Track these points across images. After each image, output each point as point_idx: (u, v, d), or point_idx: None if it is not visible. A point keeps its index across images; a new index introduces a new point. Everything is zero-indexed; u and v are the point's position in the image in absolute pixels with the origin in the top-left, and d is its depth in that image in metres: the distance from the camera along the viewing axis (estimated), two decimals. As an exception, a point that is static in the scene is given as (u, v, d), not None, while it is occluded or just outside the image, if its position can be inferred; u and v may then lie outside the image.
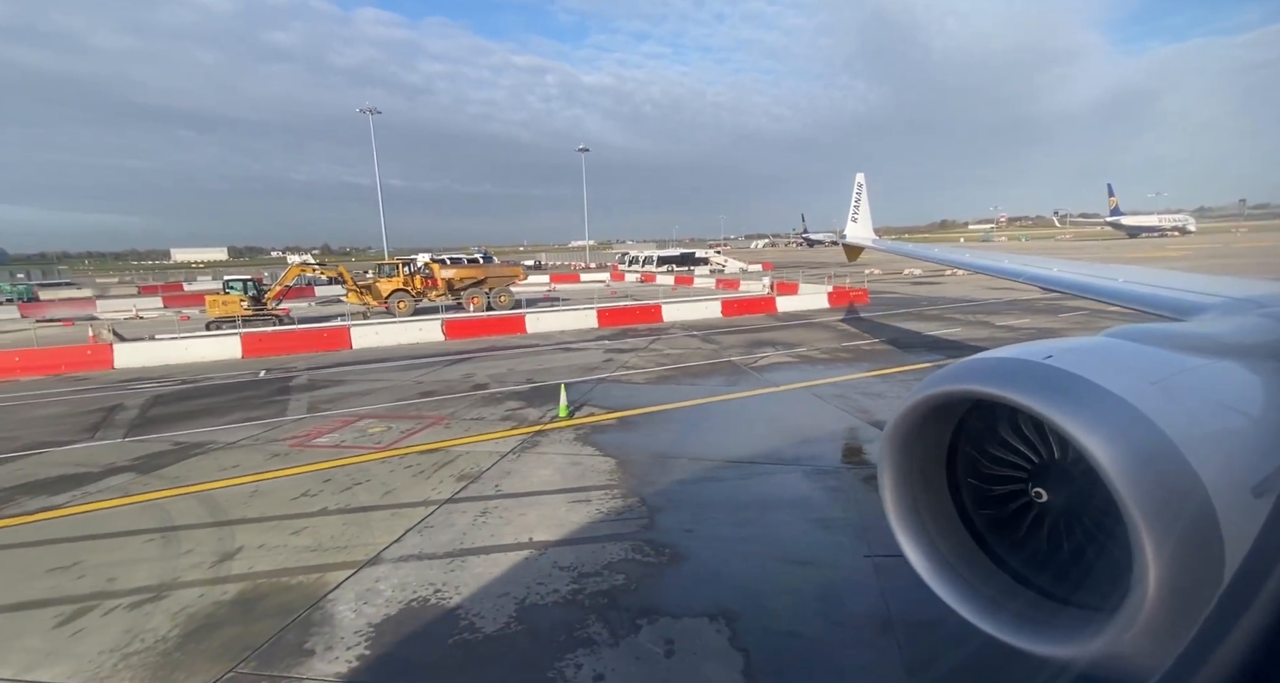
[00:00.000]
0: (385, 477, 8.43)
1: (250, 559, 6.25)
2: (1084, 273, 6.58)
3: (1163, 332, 2.83)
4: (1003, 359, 2.40)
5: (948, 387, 2.47)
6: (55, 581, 5.96)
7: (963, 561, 2.67)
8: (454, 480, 8.17)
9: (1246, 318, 3.22)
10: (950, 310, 23.12)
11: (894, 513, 2.73)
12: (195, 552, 6.46)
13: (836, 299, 26.91)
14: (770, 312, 25.91)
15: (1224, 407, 2.30)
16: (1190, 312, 3.99)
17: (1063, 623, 2.28)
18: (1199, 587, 1.81)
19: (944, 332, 18.42)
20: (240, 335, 19.17)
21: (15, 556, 6.60)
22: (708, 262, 62.18)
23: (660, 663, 4.47)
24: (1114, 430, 1.97)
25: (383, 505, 7.49)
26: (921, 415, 2.58)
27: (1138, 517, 1.85)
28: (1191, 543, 1.84)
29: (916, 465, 2.73)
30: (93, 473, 8.96)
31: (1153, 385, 2.21)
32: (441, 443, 9.81)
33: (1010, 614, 2.40)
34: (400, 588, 5.61)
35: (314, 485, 8.19)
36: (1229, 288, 4.31)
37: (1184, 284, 4.91)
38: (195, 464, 9.25)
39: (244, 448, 9.96)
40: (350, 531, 6.83)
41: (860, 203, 19.66)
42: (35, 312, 33.58)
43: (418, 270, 30.77)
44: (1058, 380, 2.17)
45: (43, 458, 9.79)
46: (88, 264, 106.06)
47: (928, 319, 21.36)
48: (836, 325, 21.03)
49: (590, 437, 9.80)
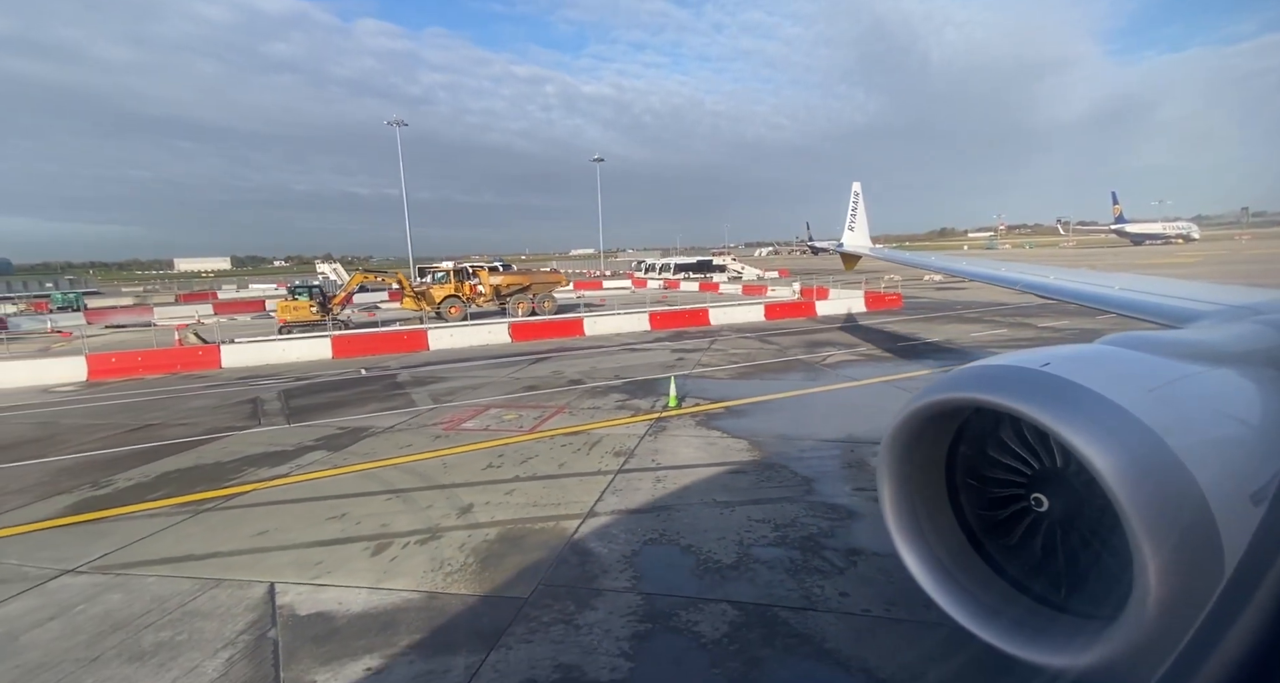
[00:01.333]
0: (549, 454, 9.76)
1: (487, 512, 7.59)
2: (1080, 280, 6.54)
3: (1159, 339, 2.86)
4: (1001, 367, 2.44)
5: (947, 394, 2.49)
6: (339, 526, 7.32)
7: (961, 567, 2.69)
8: (612, 456, 9.50)
9: (1242, 325, 3.25)
10: (987, 313, 24.47)
11: (893, 519, 2.76)
12: (435, 508, 7.81)
13: (873, 303, 28.33)
14: (810, 315, 27.30)
15: (1222, 414, 2.30)
16: (1186, 319, 4.01)
17: (1061, 631, 2.29)
18: (1199, 596, 1.81)
19: (990, 333, 19.76)
20: (330, 337, 20.59)
21: (288, 509, 7.95)
22: (724, 269, 63.81)
23: (886, 585, 5.57)
24: (1113, 439, 1.98)
25: (566, 474, 8.83)
26: (921, 422, 2.61)
27: (1137, 525, 1.85)
28: (1191, 552, 1.83)
29: (916, 472, 2.75)
30: (289, 450, 10.33)
31: (1150, 393, 2.21)
32: (578, 427, 11.15)
33: (1008, 622, 2.41)
34: (630, 532, 6.93)
35: (492, 460, 9.53)
36: (1224, 295, 4.36)
37: (1179, 292, 4.92)
38: (373, 443, 10.62)
39: (405, 431, 11.32)
40: (553, 492, 8.17)
41: (857, 211, 20.16)
42: (100, 318, 35.09)
43: (468, 277, 32.23)
44: (1057, 388, 2.19)
45: (233, 439, 11.16)
46: (93, 273, 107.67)
47: (968, 322, 22.73)
48: (882, 327, 22.40)
49: (710, 422, 11.14)
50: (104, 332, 30.48)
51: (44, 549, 6.98)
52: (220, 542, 7.00)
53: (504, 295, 32.20)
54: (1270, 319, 3.18)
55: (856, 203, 20.04)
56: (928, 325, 22.21)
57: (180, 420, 12.67)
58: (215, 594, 5.86)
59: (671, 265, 63.46)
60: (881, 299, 28.68)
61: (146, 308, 38.46)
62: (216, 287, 66.23)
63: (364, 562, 6.45)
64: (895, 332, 21.13)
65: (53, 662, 4.92)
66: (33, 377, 16.67)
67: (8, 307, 42.90)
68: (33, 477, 9.46)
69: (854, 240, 20.15)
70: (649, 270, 63.42)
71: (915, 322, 23.41)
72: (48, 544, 7.11)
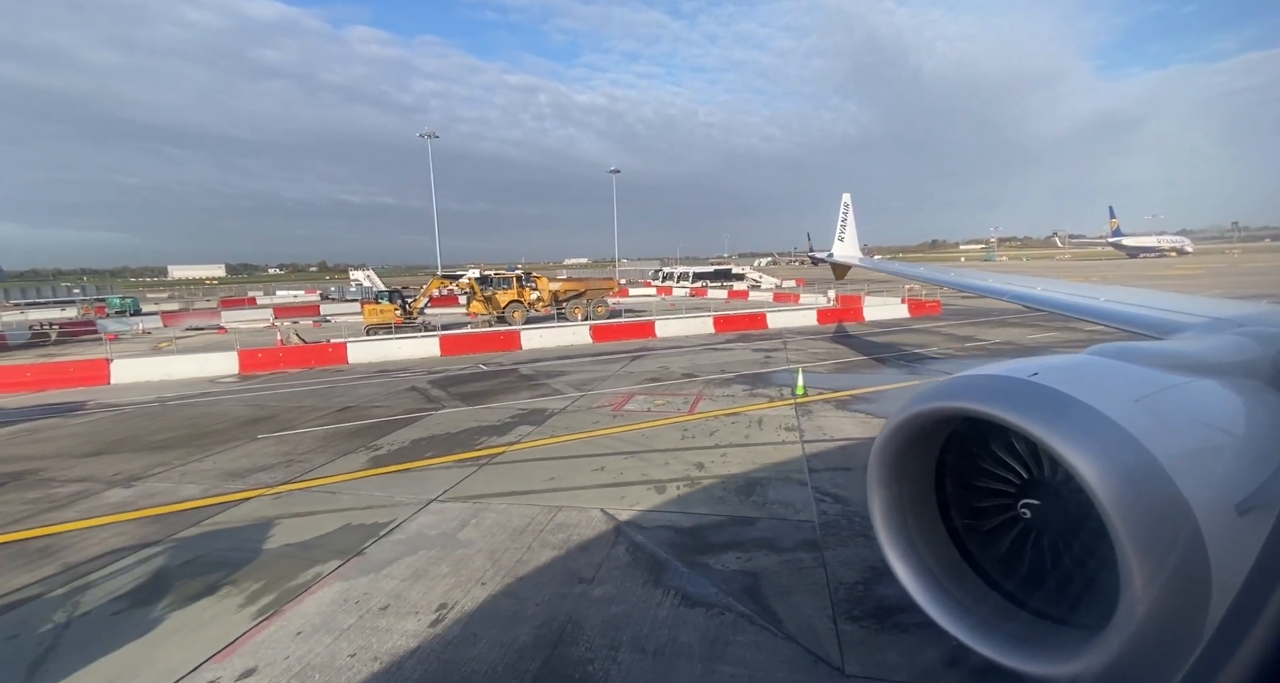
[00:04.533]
0: (726, 429, 11.51)
1: (720, 467, 9.32)
2: (1066, 292, 6.64)
3: (1145, 350, 2.91)
4: (990, 377, 2.47)
5: (936, 404, 2.52)
6: (609, 475, 9.05)
7: (954, 580, 2.71)
8: (784, 431, 11.26)
9: (1224, 337, 3.31)
10: (1029, 319, 26.49)
11: (883, 531, 2.79)
12: (672, 465, 9.55)
13: (916, 309, 30.42)
14: (859, 320, 29.30)
15: (1206, 425, 2.32)
16: (1170, 331, 4.08)
17: (1056, 643, 2.31)
18: (1186, 605, 1.84)
19: (1044, 335, 21.66)
20: (439, 337, 22.35)
21: (552, 464, 9.65)
22: (743, 278, 66.23)
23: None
24: (1100, 448, 2.01)
25: (757, 443, 10.56)
26: (910, 433, 2.64)
27: (1124, 534, 1.89)
28: (1177, 560, 1.87)
29: (906, 483, 2.79)
30: (499, 425, 12.07)
31: (1136, 403, 2.24)
32: (731, 409, 12.94)
33: (1004, 635, 2.43)
34: (857, 483, 8.72)
35: (682, 433, 11.28)
36: (1207, 307, 4.44)
37: (1164, 304, 5.00)
38: (563, 419, 12.37)
39: (578, 412, 13.07)
40: (758, 455, 9.90)
41: (847, 222, 20.58)
42: (174, 322, 36.74)
43: (528, 284, 34.11)
44: (1044, 398, 2.23)
45: (436, 418, 12.88)
46: (86, 281, 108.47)
47: (1012, 326, 24.73)
48: (937, 330, 24.39)
49: (848, 407, 12.93)
50: (189, 333, 32.07)
51: (384, 490, 8.70)
52: (525, 484, 8.75)
53: (561, 301, 34.13)
54: (1251, 331, 3.26)
55: (846, 214, 20.68)
56: (980, 329, 24.21)
57: (369, 404, 14.39)
58: (567, 514, 7.63)
59: (690, 274, 66.11)
60: (923, 305, 30.80)
61: (215, 312, 40.11)
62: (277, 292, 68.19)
63: (656, 498, 8.21)
64: (955, 334, 23.11)
65: (500, 548, 6.69)
66: (196, 369, 18.41)
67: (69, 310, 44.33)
68: (305, 444, 11.17)
69: (843, 250, 20.57)
70: (666, 279, 65.93)
71: (965, 326, 25.44)
72: (385, 487, 8.83)
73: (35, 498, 8.87)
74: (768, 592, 5.75)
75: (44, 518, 8.08)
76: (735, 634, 5.13)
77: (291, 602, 5.78)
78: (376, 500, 8.28)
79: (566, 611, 5.52)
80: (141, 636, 5.27)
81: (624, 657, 4.88)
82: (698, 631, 5.20)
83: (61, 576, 6.40)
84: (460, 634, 5.21)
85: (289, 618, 5.51)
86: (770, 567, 6.22)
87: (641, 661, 4.83)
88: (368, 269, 65.30)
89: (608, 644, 5.03)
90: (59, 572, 6.49)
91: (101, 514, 8.11)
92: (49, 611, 5.71)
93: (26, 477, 9.90)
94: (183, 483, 9.27)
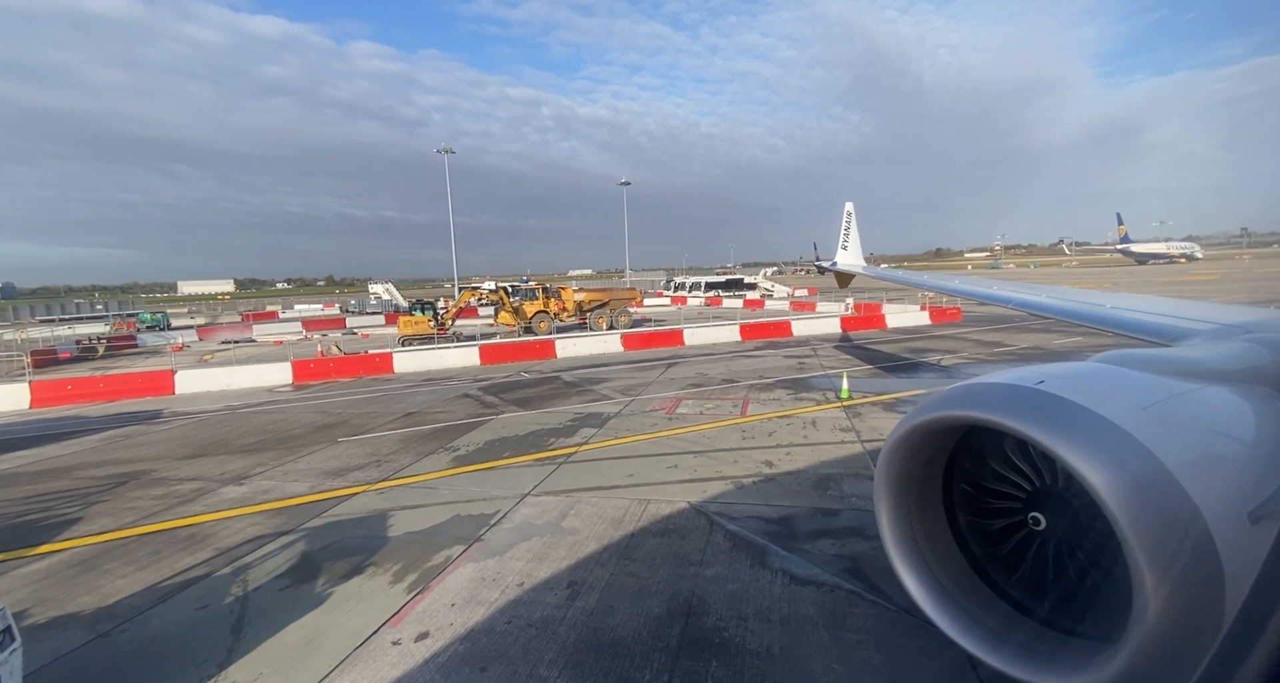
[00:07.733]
0: (783, 431, 12.04)
1: (788, 464, 9.88)
2: (1071, 299, 6.55)
3: (1153, 357, 2.87)
4: (996, 385, 2.44)
5: (943, 412, 2.49)
6: (684, 473, 9.58)
7: (962, 590, 2.68)
8: (840, 431, 11.78)
9: (1233, 343, 3.25)
10: (1051, 325, 26.98)
11: (891, 541, 2.77)
12: (741, 463, 10.10)
13: (937, 316, 30.92)
14: (882, 327, 29.81)
15: (1216, 432, 2.29)
16: (1177, 337, 4.03)
17: (1066, 654, 2.28)
18: (1198, 615, 1.81)
19: (1071, 340, 22.05)
20: (479, 346, 23.03)
21: (627, 462, 10.23)
22: (755, 287, 66.89)
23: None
24: (1109, 457, 2.00)
25: (816, 443, 11.08)
26: (917, 441, 2.62)
27: (1136, 544, 1.86)
28: (1190, 569, 1.84)
29: (913, 491, 2.76)
30: (562, 428, 12.66)
31: (1145, 411, 2.22)
32: (781, 412, 13.48)
33: (1014, 646, 2.40)
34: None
35: (741, 434, 11.83)
36: (1214, 314, 4.40)
37: (1170, 310, 4.93)
38: (623, 422, 12.95)
39: (633, 416, 13.63)
40: (821, 452, 10.45)
41: (850, 231, 20.77)
42: (209, 335, 37.73)
43: (553, 294, 34.87)
44: (1052, 406, 2.21)
45: (499, 422, 13.49)
46: (97, 297, 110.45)
47: (1035, 331, 25.17)
48: (962, 336, 24.89)
49: (896, 408, 13.44)
50: (225, 346, 32.95)
51: (478, 486, 9.30)
52: (608, 480, 9.33)
53: (585, 311, 34.86)
54: (1260, 337, 3.21)
55: (849, 223, 20.69)
56: (1004, 335, 24.69)
57: (429, 410, 15.04)
58: (657, 507, 8.19)
59: (703, 284, 66.94)
60: (944, 312, 31.30)
61: (245, 326, 41.14)
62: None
63: (737, 492, 8.76)
64: (982, 340, 23.61)
65: (605, 535, 7.27)
66: (253, 379, 19.19)
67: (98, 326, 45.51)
68: (387, 446, 11.80)
69: (847, 259, 20.76)
70: (679, 289, 66.79)
71: (990, 332, 25.92)
72: (478, 483, 9.43)
73: (161, 494, 9.54)
74: (869, 572, 6.29)
75: (178, 511, 8.75)
76: (850, 607, 5.68)
77: (435, 579, 6.38)
78: (474, 494, 8.88)
79: (687, 587, 6.08)
80: (318, 606, 5.88)
81: (753, 626, 5.43)
82: (814, 605, 5.75)
83: (220, 558, 7.03)
84: (598, 605, 5.78)
85: (438, 593, 6.10)
86: (865, 552, 6.76)
87: (770, 629, 5.38)
88: (387, 283, 66.47)
89: (736, 616, 5.59)
90: (215, 555, 7.13)
91: (227, 508, 8.76)
92: (224, 586, 6.35)
93: (142, 476, 10.59)
94: (287, 481, 9.91)
